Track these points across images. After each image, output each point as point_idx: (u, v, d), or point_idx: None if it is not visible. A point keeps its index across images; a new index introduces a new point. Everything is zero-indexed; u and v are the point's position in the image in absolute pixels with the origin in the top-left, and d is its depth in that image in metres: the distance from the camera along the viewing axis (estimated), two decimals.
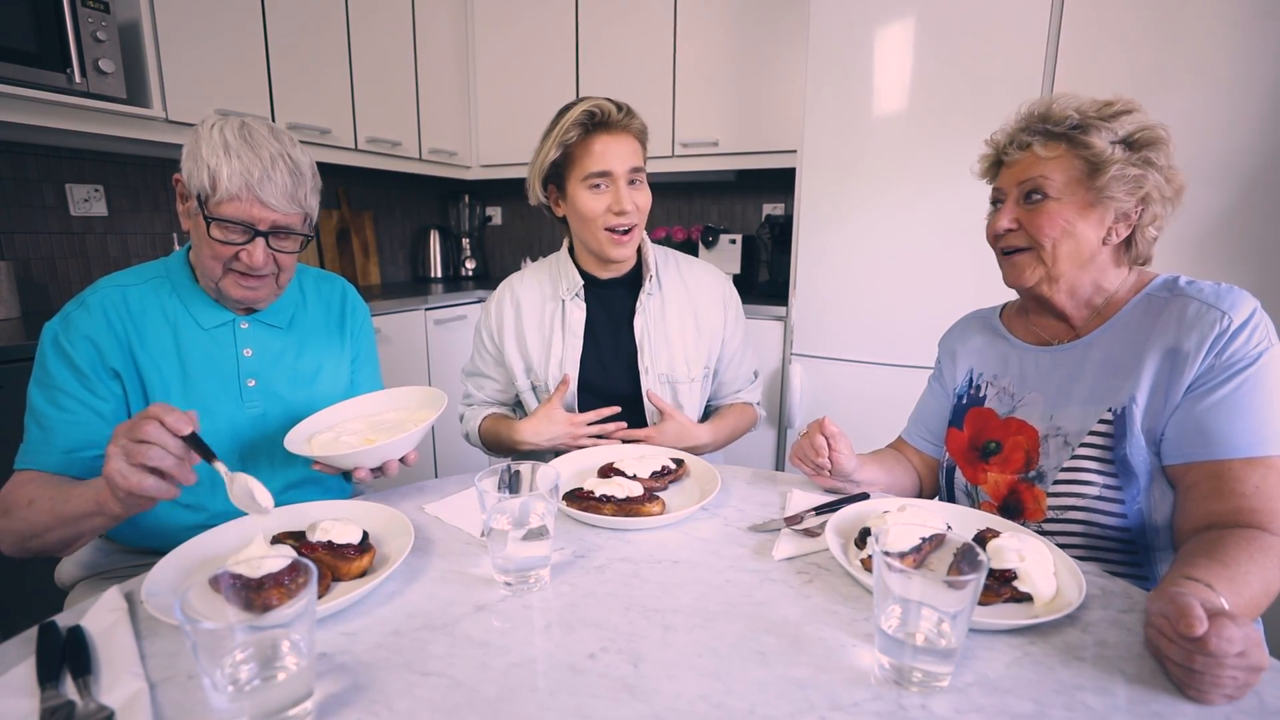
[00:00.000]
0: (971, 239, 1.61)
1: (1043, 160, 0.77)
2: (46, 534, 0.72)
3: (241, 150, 0.78)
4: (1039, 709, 0.48)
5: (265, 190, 0.79)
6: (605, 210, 1.03)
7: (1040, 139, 0.78)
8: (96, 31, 1.45)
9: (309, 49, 2.00)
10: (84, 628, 0.55)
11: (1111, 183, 0.74)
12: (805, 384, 1.88)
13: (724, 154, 2.28)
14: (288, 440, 0.80)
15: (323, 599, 0.60)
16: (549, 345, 1.13)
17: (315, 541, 0.65)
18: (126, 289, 0.86)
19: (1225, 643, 0.46)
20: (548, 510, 0.64)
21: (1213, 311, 0.71)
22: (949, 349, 0.98)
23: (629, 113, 1.04)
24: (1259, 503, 0.65)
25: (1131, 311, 0.78)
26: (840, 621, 0.59)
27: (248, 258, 0.81)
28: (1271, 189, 1.37)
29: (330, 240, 2.49)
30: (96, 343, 0.81)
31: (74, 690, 0.49)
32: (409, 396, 0.95)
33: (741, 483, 0.92)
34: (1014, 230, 0.80)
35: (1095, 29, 1.46)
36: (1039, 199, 0.77)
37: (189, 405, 0.86)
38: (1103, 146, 0.73)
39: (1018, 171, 0.80)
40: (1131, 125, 0.74)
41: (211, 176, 0.78)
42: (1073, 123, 0.76)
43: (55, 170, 1.75)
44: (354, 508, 0.77)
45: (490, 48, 2.61)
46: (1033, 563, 0.60)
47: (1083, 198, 0.76)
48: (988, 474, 0.86)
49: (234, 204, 0.79)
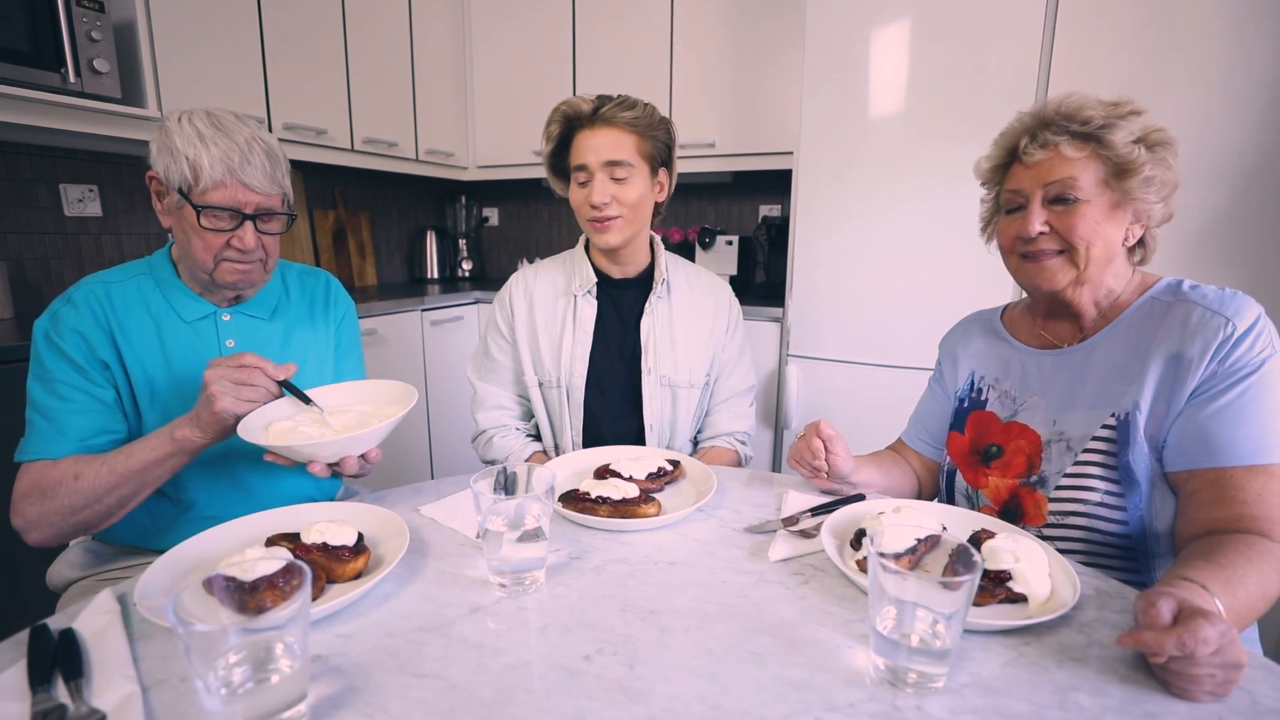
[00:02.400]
0: (967, 240, 1.62)
1: (1070, 160, 0.75)
2: (106, 497, 0.77)
3: (217, 138, 0.80)
4: (1034, 709, 0.48)
5: (247, 174, 0.81)
6: (584, 201, 1.06)
7: (1067, 138, 0.75)
8: (91, 31, 1.44)
9: (305, 49, 2.00)
10: (76, 630, 0.55)
11: (1140, 185, 0.73)
12: (802, 385, 1.89)
13: (721, 155, 2.28)
14: (242, 426, 0.75)
15: (317, 601, 0.59)
16: (559, 341, 1.14)
17: (310, 543, 0.64)
18: (110, 285, 0.87)
19: (1200, 643, 0.46)
20: (543, 512, 0.64)
21: (1217, 318, 0.71)
22: (950, 351, 0.98)
23: (618, 105, 1.03)
24: (1260, 510, 0.65)
25: (1134, 315, 0.78)
26: (836, 623, 0.59)
27: (239, 242, 0.83)
28: (1266, 190, 1.37)
29: (326, 241, 2.49)
30: (85, 336, 0.83)
31: (66, 693, 0.48)
32: (381, 391, 0.90)
33: (738, 484, 0.92)
34: (1045, 233, 0.77)
35: (1090, 31, 1.46)
36: (1071, 200, 0.75)
37: (172, 397, 0.88)
38: (1126, 146, 0.73)
39: (1042, 172, 0.76)
40: (1140, 126, 0.74)
41: (193, 167, 0.79)
42: (1098, 122, 0.74)
43: (49, 170, 1.74)
44: (349, 509, 0.77)
45: (487, 48, 2.61)
46: (1027, 564, 0.61)
47: (1110, 199, 0.75)
48: (989, 478, 0.85)
49: (219, 191, 0.80)
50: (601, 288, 1.15)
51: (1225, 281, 0.76)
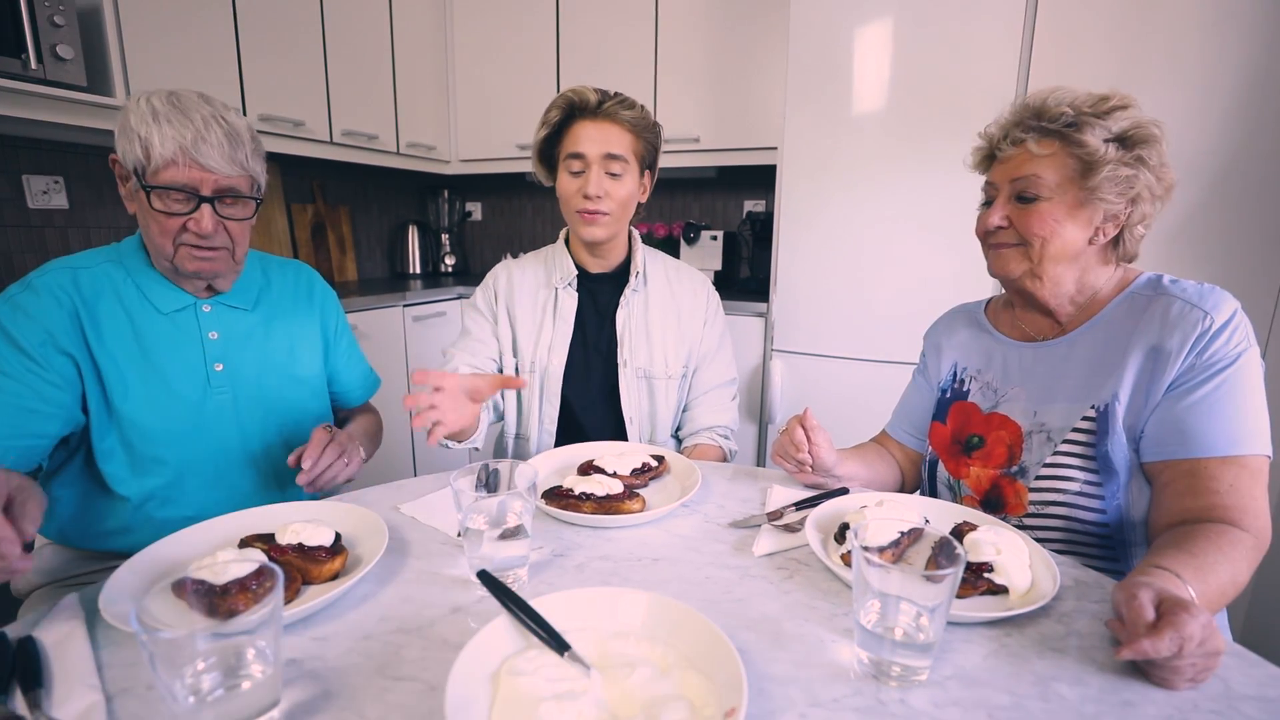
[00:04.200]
0: (950, 235, 1.64)
1: (1036, 158, 0.76)
2: None
3: (171, 115, 0.77)
4: (1015, 700, 0.48)
5: (201, 152, 0.77)
6: (576, 192, 1.05)
7: (1034, 135, 0.76)
8: (54, 15, 1.39)
9: (281, 37, 1.94)
10: (36, 639, 0.53)
11: (1103, 183, 0.73)
12: (786, 380, 1.89)
13: (705, 150, 2.27)
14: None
15: (292, 603, 0.58)
16: (539, 329, 1.14)
17: (285, 544, 0.63)
18: (77, 271, 0.82)
19: (1188, 640, 0.47)
20: (525, 509, 0.63)
21: (1195, 311, 0.72)
22: (934, 342, 0.99)
23: (619, 102, 1.05)
24: (1232, 500, 0.66)
25: (1115, 310, 0.79)
26: (820, 617, 0.59)
27: (196, 225, 0.79)
28: (1237, 188, 1.40)
29: (305, 235, 2.44)
30: (46, 325, 0.78)
31: (24, 705, 0.46)
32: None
33: (722, 479, 0.92)
34: (1005, 228, 0.80)
35: (1069, 30, 1.48)
36: (1031, 198, 0.77)
37: (149, 393, 0.83)
38: (1096, 145, 0.72)
39: (1010, 168, 0.79)
40: (1126, 122, 0.73)
41: (144, 146, 0.76)
42: (1067, 120, 0.74)
43: (11, 161, 1.67)
44: (327, 509, 0.75)
45: (469, 40, 2.57)
46: (1008, 555, 0.61)
47: (1074, 197, 0.75)
48: (970, 468, 0.86)
49: (171, 170, 0.77)
50: (579, 281, 1.15)
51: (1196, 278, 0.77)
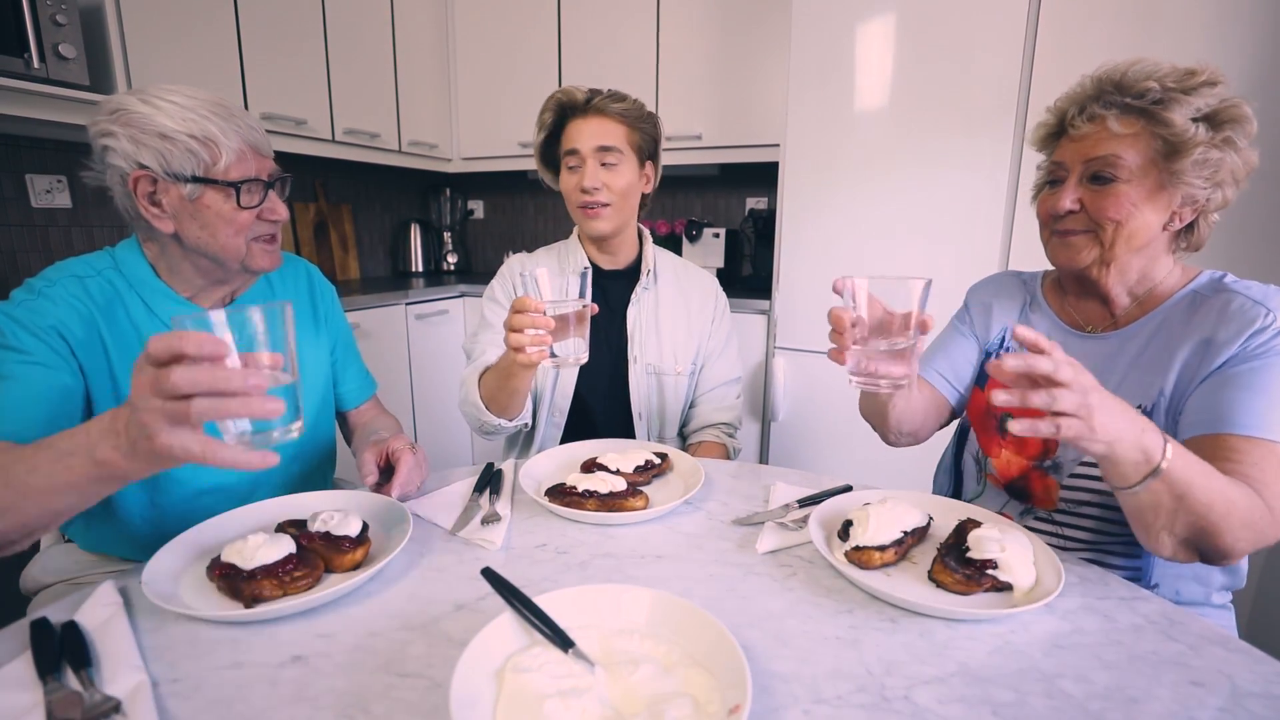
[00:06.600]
0: (951, 233, 1.63)
1: (1116, 137, 0.70)
2: None
3: (212, 107, 0.75)
4: (1019, 697, 0.48)
5: (257, 139, 0.77)
6: (575, 187, 1.08)
7: (1116, 112, 0.70)
8: (56, 15, 1.39)
9: (283, 35, 1.94)
10: (79, 622, 0.54)
11: (1190, 167, 0.67)
12: (789, 377, 1.89)
13: (707, 148, 2.26)
14: None
15: (311, 591, 0.60)
16: None
17: (314, 531, 0.65)
18: (85, 280, 0.79)
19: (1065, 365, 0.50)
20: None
21: (1257, 308, 0.68)
22: (982, 301, 0.93)
23: (609, 96, 1.07)
24: (1255, 474, 0.62)
25: (1175, 308, 0.75)
26: (823, 614, 0.59)
27: (272, 214, 0.79)
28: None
29: (308, 234, 2.44)
30: (64, 334, 0.74)
31: (77, 682, 0.48)
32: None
33: (725, 476, 0.92)
34: (1076, 212, 0.73)
35: (1072, 27, 1.47)
36: (1108, 179, 0.71)
37: None
38: (1183, 125, 0.66)
39: (1086, 147, 0.72)
40: (1214, 99, 0.67)
41: (206, 144, 0.73)
42: (1154, 96, 0.68)
43: (14, 160, 1.68)
44: (358, 499, 0.76)
45: (471, 38, 2.56)
46: (1013, 552, 0.61)
47: (1155, 180, 0.69)
48: (1002, 450, 0.83)
49: (242, 164, 0.76)
50: (592, 279, 1.15)
51: None
